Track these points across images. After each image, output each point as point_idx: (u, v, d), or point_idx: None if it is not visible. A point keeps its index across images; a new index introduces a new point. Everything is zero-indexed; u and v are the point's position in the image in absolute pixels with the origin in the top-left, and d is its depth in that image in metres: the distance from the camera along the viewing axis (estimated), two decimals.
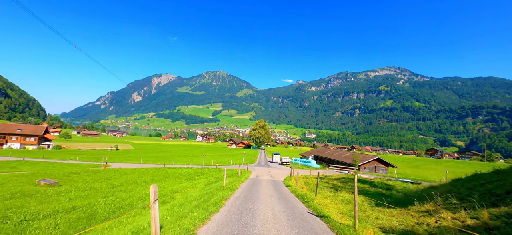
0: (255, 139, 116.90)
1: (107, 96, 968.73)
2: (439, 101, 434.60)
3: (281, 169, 35.57)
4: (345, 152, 59.34)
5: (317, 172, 29.99)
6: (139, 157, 52.26)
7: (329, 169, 43.57)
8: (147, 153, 69.86)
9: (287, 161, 50.71)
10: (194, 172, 26.90)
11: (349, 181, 21.64)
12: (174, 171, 28.25)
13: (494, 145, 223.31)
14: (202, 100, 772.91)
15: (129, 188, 16.91)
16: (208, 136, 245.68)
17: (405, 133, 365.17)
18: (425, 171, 54.95)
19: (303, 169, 40.32)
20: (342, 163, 47.19)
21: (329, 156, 56.76)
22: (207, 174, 25.41)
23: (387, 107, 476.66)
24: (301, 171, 33.20)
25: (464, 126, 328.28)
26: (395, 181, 22.78)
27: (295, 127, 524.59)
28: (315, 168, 42.66)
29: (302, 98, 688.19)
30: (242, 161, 50.05)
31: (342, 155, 53.67)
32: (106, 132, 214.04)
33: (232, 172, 23.90)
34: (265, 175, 25.37)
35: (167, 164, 41.01)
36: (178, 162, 46.67)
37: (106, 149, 79.14)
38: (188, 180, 20.70)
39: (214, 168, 35.10)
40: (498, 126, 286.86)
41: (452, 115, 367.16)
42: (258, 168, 36.69)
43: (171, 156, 59.45)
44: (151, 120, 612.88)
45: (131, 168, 31.89)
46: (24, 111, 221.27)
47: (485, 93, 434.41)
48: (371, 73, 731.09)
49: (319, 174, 13.67)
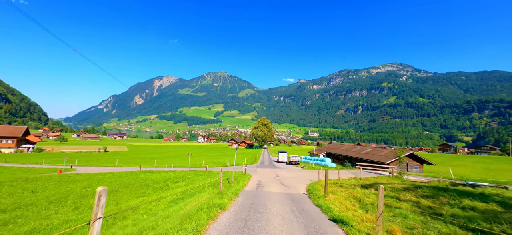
0: (257, 138, 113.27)
1: (110, 99, 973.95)
2: (444, 96, 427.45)
3: (291, 171, 26.94)
4: (364, 148, 49.34)
5: (335, 172, 24.44)
6: (121, 159, 49.07)
7: (354, 169, 32.73)
8: (139, 155, 67.35)
9: (296, 160, 42.75)
10: (174, 177, 21.99)
11: (412, 189, 13.81)
12: (147, 177, 23.55)
13: (503, 139, 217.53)
14: (204, 101, 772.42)
15: (39, 209, 12.11)
16: (209, 136, 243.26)
17: (410, 129, 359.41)
18: (460, 168, 46.96)
19: (317, 169, 31.96)
20: (364, 160, 38.06)
21: (345, 153, 47.50)
22: (191, 179, 20.46)
23: (390, 103, 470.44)
24: (317, 173, 23.99)
25: (470, 121, 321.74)
26: (484, 188, 15.99)
27: (297, 126, 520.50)
28: (331, 168, 35.28)
29: (304, 96, 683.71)
30: (243, 161, 42.88)
31: (361, 152, 44.57)
32: (107, 135, 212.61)
33: (225, 177, 18.15)
34: (271, 181, 17.30)
35: (149, 167, 35.85)
36: (168, 163, 41.52)
37: (93, 151, 77.35)
38: (159, 190, 16.24)
39: (203, 170, 28.14)
40: (506, 120, 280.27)
41: (457, 110, 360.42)
42: (261, 169, 28.44)
43: (163, 157, 56.73)
44: (153, 123, 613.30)
45: (95, 172, 27.98)
46: (25, 116, 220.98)
47: (490, 87, 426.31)
48: (373, 70, 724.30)
49: (350, 178, 10.04)
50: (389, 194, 12.51)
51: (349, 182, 18.10)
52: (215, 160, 49.16)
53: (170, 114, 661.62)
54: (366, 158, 38.30)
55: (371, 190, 13.62)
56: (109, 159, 51.49)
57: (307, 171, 27.50)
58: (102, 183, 20.76)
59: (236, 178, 17.39)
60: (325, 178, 11.80)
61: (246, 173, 21.50)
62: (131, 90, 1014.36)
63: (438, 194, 12.30)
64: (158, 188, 17.11)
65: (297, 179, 19.41)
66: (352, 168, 36.54)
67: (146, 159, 51.92)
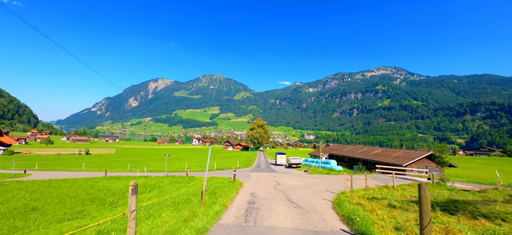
0: (253, 140, 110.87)
1: (104, 102, 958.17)
2: (437, 99, 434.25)
3: (294, 176, 22.23)
4: (372, 148, 43.88)
5: (356, 178, 19.86)
6: (96, 163, 46.05)
7: (369, 173, 27.22)
8: (123, 157, 64.40)
9: (298, 163, 37.62)
10: (141, 186, 18.38)
11: None
12: (108, 185, 19.85)
13: (495, 141, 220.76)
14: (200, 104, 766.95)
15: None
16: (204, 139, 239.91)
17: (405, 131, 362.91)
18: (474, 171, 42.13)
19: (325, 173, 26.61)
20: (375, 162, 33.61)
21: (351, 155, 42.60)
22: (162, 189, 17.11)
23: (385, 106, 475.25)
24: (330, 180, 19.34)
25: (463, 124, 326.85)
26: None
27: (293, 128, 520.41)
28: (340, 171, 30.08)
29: (299, 99, 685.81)
30: (236, 164, 38.34)
31: (370, 153, 39.60)
32: (99, 137, 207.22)
33: (210, 186, 14.12)
34: (271, 194, 12.49)
35: (122, 171, 31.53)
36: (150, 167, 36.97)
37: (73, 154, 74.70)
38: (106, 207, 12.93)
39: (184, 176, 23.90)
40: (497, 122, 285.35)
41: (450, 113, 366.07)
42: (256, 175, 23.59)
43: (149, 160, 53.73)
44: (148, 125, 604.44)
45: (47, 179, 24.58)
46: (14, 118, 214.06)
47: (482, 90, 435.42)
48: (367, 73, 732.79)
49: None
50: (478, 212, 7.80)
51: (388, 193, 12.89)
52: (204, 163, 43.75)
53: (165, 117, 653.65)
54: (377, 159, 34.24)
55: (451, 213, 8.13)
56: (81, 162, 47.04)
57: (314, 177, 22.54)
58: (41, 194, 16.90)
59: (215, 192, 11.50)
60: (350, 187, 8.62)
61: (235, 180, 16.19)
62: (125, 92, 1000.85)
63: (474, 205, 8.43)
64: (108, 203, 13.70)
65: (309, 189, 14.18)
66: (363, 172, 30.30)
67: (128, 162, 48.82)
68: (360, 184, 16.72)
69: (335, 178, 21.43)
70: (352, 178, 9.88)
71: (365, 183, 15.34)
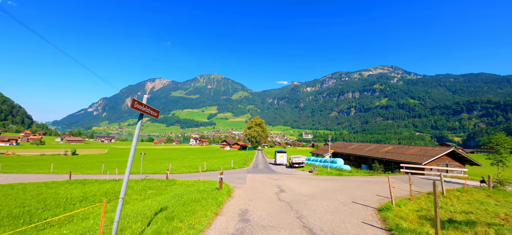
0: (250, 139, 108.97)
1: (100, 102, 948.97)
2: (433, 98, 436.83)
3: (300, 179, 18.54)
4: (382, 145, 39.52)
5: (357, 178, 18.02)
6: (73, 164, 43.33)
7: (389, 174, 23.40)
8: (114, 158, 62.33)
9: (301, 162, 33.59)
10: (102, 193, 15.47)
11: None
12: (59, 192, 16.20)
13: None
14: (197, 104, 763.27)
15: None
16: (201, 139, 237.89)
17: (402, 130, 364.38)
18: (489, 170, 36.81)
19: (336, 174, 22.99)
20: (386, 161, 30.63)
21: (358, 153, 38.62)
22: (124, 200, 11.53)
23: (382, 105, 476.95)
24: (348, 185, 15.75)
25: (460, 122, 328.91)
26: None
27: (291, 128, 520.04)
28: (348, 172, 26.53)
29: (297, 99, 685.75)
30: (229, 163, 34.38)
31: (380, 150, 35.65)
32: (94, 138, 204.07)
33: (177, 202, 9.99)
34: (274, 209, 9.18)
35: (93, 174, 27.63)
36: (137, 167, 33.02)
37: (58, 155, 73.34)
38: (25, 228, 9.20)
39: (163, 179, 20.98)
40: (494, 121, 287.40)
41: (447, 111, 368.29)
42: (253, 177, 20.05)
43: (137, 161, 51.28)
44: (145, 126, 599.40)
45: None
46: (6, 119, 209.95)
47: (478, 89, 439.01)
48: (365, 72, 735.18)
49: None
50: None
51: (462, 208, 9.15)
52: (196, 163, 40.41)
53: (162, 117, 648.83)
54: (388, 158, 30.81)
55: None
56: (60, 164, 44.16)
57: (324, 179, 18.47)
58: None
59: (179, 215, 7.62)
60: (391, 196, 5.90)
61: (222, 187, 12.59)
62: (122, 92, 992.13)
63: None
64: (34, 224, 9.82)
65: (328, 201, 10.49)
66: (380, 172, 26.66)
67: (115, 162, 46.52)
68: (388, 190, 12.56)
69: (352, 181, 17.34)
70: (390, 182, 7.64)
71: (399, 189, 11.79)
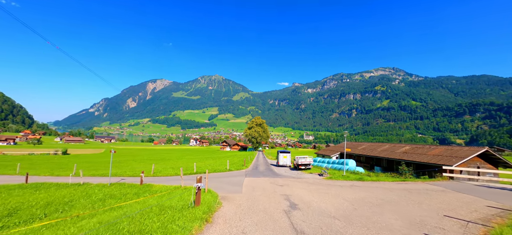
0: (251, 139, 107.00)
1: (101, 102, 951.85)
2: (435, 100, 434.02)
3: (310, 184, 15.91)
4: (396, 146, 34.27)
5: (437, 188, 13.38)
6: (50, 164, 41.00)
7: (425, 180, 19.50)
8: (105, 158, 60.17)
9: (307, 163, 29.84)
10: (43, 205, 12.04)
11: None
12: None
13: (495, 141, 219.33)
14: (198, 104, 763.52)
15: None
16: (202, 140, 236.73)
17: (404, 132, 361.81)
18: None
19: (355, 179, 19.28)
20: (407, 163, 26.00)
21: (370, 153, 34.30)
22: (64, 221, 9.35)
23: (384, 107, 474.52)
24: (384, 195, 12.23)
25: (462, 124, 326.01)
26: None
27: (292, 129, 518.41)
28: (365, 175, 22.37)
29: (298, 100, 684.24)
30: (225, 165, 30.95)
31: (396, 151, 31.35)
32: (94, 138, 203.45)
33: (135, 226, 6.75)
34: None
35: (57, 176, 24.31)
36: (121, 168, 30.61)
37: (47, 154, 71.97)
38: None
39: (137, 184, 17.03)
40: (497, 123, 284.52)
41: (449, 113, 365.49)
42: (252, 182, 17.15)
43: (128, 161, 48.94)
44: (146, 126, 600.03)
45: None
46: (7, 118, 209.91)
47: (480, 91, 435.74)
48: (366, 74, 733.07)
49: None
50: None
51: None
52: (190, 164, 35.82)
53: (163, 118, 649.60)
54: (407, 159, 26.74)
55: None
56: (48, 163, 41.79)
57: (345, 186, 15.27)
58: None
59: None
60: None
61: (198, 203, 8.55)
62: (123, 93, 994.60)
63: None
64: None
65: (376, 231, 7.08)
66: (408, 177, 21.20)
67: (103, 162, 44.29)
68: (454, 205, 9.91)
69: (384, 190, 12.99)
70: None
71: (466, 203, 8.82)
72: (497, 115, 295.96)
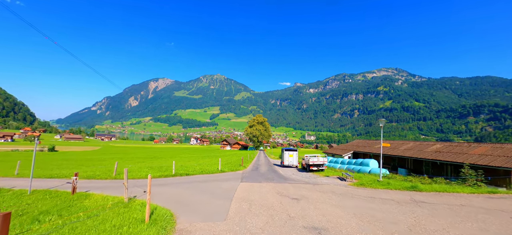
0: (252, 138, 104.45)
1: (104, 101, 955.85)
2: (439, 101, 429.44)
3: (340, 196, 11.10)
4: (424, 144, 28.71)
5: None
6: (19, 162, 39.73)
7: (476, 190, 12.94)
8: (95, 156, 57.33)
9: (321, 164, 24.96)
10: None
11: None
12: None
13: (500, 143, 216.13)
14: (200, 104, 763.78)
15: None
16: (202, 138, 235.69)
17: (407, 133, 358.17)
18: None
19: (385, 187, 13.79)
20: (442, 163, 22.37)
21: (391, 153, 28.87)
22: None
23: (386, 107, 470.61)
24: (472, 213, 8.03)
25: (466, 125, 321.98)
26: None
27: (294, 129, 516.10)
28: (408, 180, 17.21)
29: (300, 100, 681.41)
30: (216, 165, 24.85)
31: (424, 149, 26.16)
32: (95, 136, 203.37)
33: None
34: None
35: (19, 177, 17.16)
36: (93, 168, 26.48)
37: (32, 151, 69.76)
38: None
39: (68, 192, 10.96)
40: (501, 125, 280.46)
41: (453, 115, 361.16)
42: (248, 190, 12.32)
43: (124, 159, 45.01)
44: (147, 125, 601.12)
45: None
46: (8, 115, 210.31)
47: (484, 92, 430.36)
48: (368, 74, 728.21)
49: None
50: None
51: None
52: (187, 163, 32.40)
53: (165, 117, 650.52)
54: (443, 159, 21.81)
55: None
56: (12, 162, 39.78)
57: (397, 199, 10.67)
58: None
59: None
60: None
61: None
62: (125, 92, 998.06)
63: None
64: None
65: None
66: (461, 183, 15.15)
67: (83, 160, 40.99)
68: None
69: (485, 210, 8.68)
70: None
71: None
72: (502, 116, 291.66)
